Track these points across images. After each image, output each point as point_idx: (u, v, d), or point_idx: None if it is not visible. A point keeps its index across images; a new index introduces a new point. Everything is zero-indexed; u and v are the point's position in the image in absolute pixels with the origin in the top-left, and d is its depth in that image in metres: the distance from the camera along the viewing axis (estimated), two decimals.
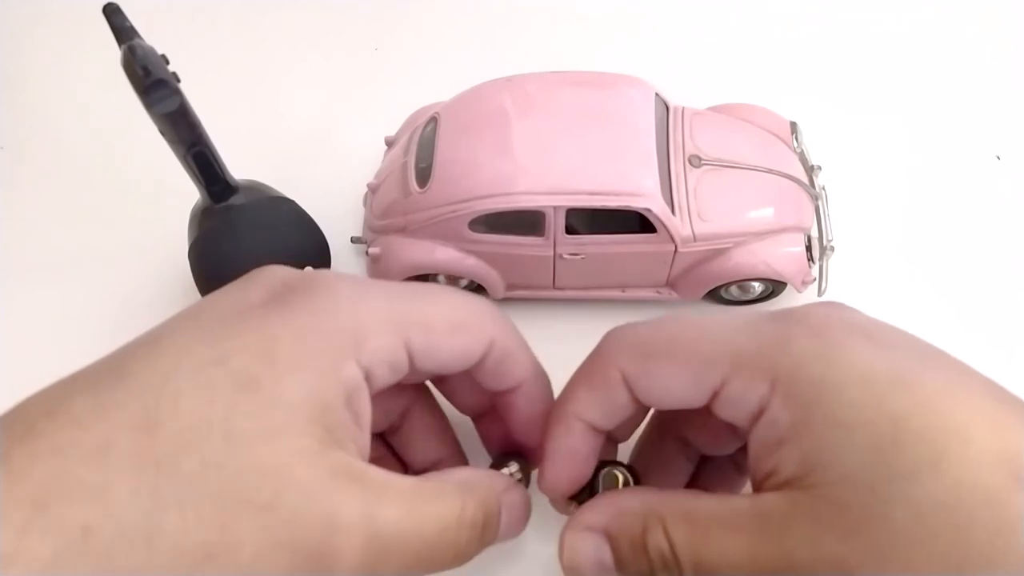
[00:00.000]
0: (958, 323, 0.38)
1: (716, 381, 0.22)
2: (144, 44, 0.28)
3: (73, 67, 0.50)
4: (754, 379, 0.22)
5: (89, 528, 0.16)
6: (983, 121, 0.46)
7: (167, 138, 0.31)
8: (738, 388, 0.22)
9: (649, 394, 0.24)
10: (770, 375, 0.21)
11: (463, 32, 0.52)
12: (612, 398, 0.24)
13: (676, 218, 0.34)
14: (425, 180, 0.35)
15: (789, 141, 0.39)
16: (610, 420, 0.25)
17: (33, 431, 0.17)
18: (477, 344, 0.24)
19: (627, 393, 0.24)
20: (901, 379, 0.20)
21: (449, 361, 0.24)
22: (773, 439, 0.21)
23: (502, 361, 0.25)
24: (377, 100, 0.48)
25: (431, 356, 0.23)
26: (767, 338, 0.22)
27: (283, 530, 0.18)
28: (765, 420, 0.22)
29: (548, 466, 0.26)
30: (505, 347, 0.25)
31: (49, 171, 0.46)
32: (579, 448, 0.25)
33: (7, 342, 0.39)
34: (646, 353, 0.24)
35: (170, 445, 0.18)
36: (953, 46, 0.50)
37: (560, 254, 0.35)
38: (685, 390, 0.23)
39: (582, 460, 0.26)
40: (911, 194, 0.43)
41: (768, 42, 0.50)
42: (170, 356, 0.19)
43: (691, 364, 0.23)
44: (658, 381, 0.24)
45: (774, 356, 0.22)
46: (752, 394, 0.22)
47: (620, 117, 0.35)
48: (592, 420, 0.25)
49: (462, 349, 0.24)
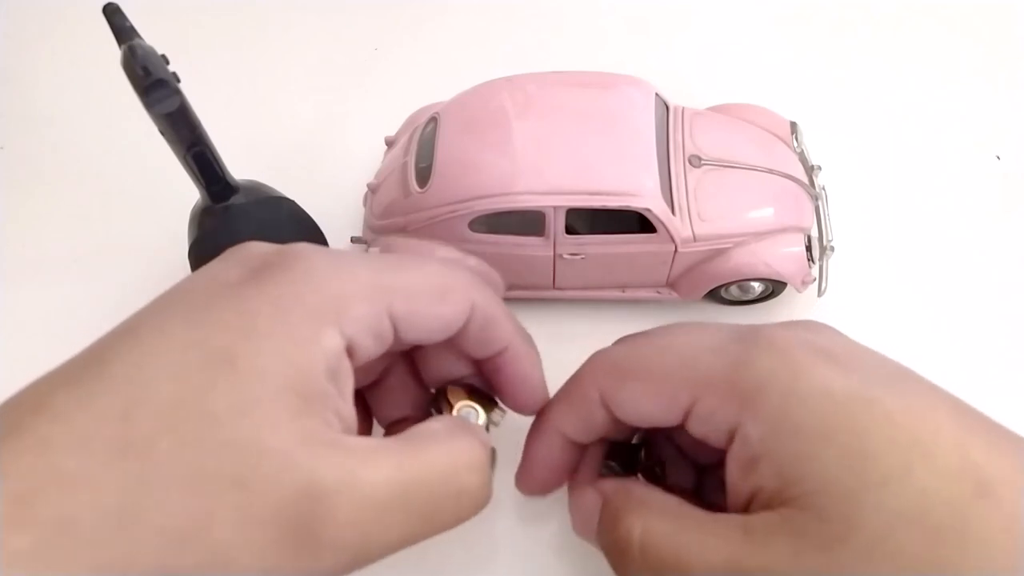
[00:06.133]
0: (958, 323, 0.38)
1: (686, 402, 0.23)
2: (144, 44, 0.28)
3: (73, 67, 0.50)
4: (722, 399, 0.23)
5: (70, 518, 0.16)
6: (983, 121, 0.46)
7: (167, 138, 0.31)
8: (708, 407, 0.23)
9: (625, 413, 0.25)
10: (738, 394, 0.22)
11: (463, 32, 0.52)
12: (590, 415, 0.26)
13: (676, 218, 0.34)
14: (425, 180, 0.35)
15: (789, 141, 0.39)
16: (587, 435, 0.27)
17: (19, 428, 0.17)
18: (460, 310, 0.24)
19: (604, 411, 0.26)
20: (861, 397, 0.21)
21: (434, 328, 0.24)
22: (748, 456, 0.22)
23: (485, 326, 0.25)
24: (377, 100, 0.48)
25: (415, 324, 0.23)
26: (733, 358, 0.23)
27: (259, 504, 0.18)
28: (739, 438, 0.22)
29: (525, 471, 0.28)
30: (487, 312, 0.25)
31: (49, 171, 0.46)
32: (556, 458, 0.27)
33: (7, 342, 0.39)
34: (621, 374, 0.25)
35: (147, 429, 0.17)
36: (953, 46, 0.49)
37: (560, 254, 0.35)
38: (658, 409, 0.24)
39: (558, 469, 0.28)
40: (911, 194, 0.43)
41: (768, 42, 0.50)
42: (147, 342, 0.19)
43: (662, 385, 0.24)
44: (631, 401, 0.25)
45: (740, 375, 0.23)
46: (722, 413, 0.23)
47: (620, 117, 0.35)
48: (570, 434, 0.27)
49: (447, 315, 0.24)
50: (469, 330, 0.25)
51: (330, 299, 0.21)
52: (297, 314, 0.20)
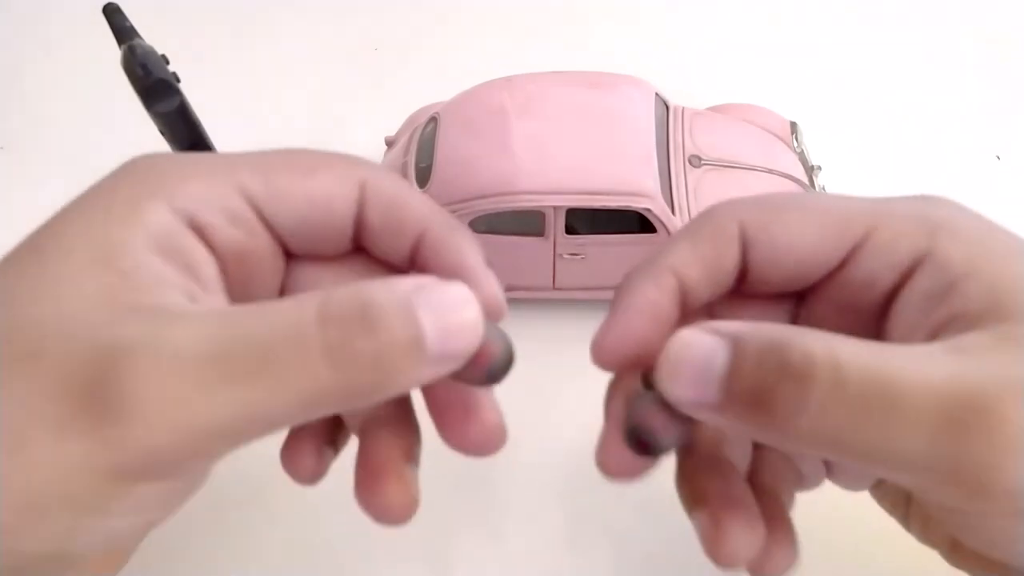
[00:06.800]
0: None
1: (859, 231, 0.20)
2: (144, 44, 0.28)
3: (73, 67, 0.50)
4: (907, 227, 0.20)
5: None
6: (983, 121, 0.46)
7: (167, 138, 0.31)
8: (890, 233, 0.20)
9: (774, 250, 0.20)
10: (928, 222, 0.20)
11: (463, 32, 0.52)
12: (721, 254, 0.21)
13: (676, 218, 0.34)
14: (425, 180, 0.35)
15: (789, 141, 0.39)
16: (705, 286, 0.21)
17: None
18: (340, 184, 0.20)
19: (738, 253, 0.21)
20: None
21: (307, 209, 0.20)
22: (946, 281, 0.19)
23: (388, 208, 0.20)
24: (377, 100, 0.48)
25: (280, 201, 0.20)
26: (916, 200, 0.21)
27: (49, 376, 0.16)
28: (930, 263, 0.19)
29: (616, 318, 0.20)
30: (383, 190, 0.21)
31: (49, 171, 0.46)
32: (663, 305, 0.20)
33: None
34: (778, 205, 0.21)
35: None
36: (953, 46, 0.50)
37: (560, 254, 0.35)
38: (819, 242, 0.20)
39: (660, 321, 0.20)
40: (911, 194, 0.43)
41: (768, 42, 0.50)
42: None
43: (831, 215, 0.20)
44: (786, 231, 0.20)
45: (928, 207, 0.20)
46: (905, 242, 0.20)
47: (620, 117, 0.35)
48: (689, 278, 0.20)
49: (317, 192, 0.20)
50: (369, 220, 0.20)
51: (157, 179, 0.19)
52: (118, 195, 0.19)
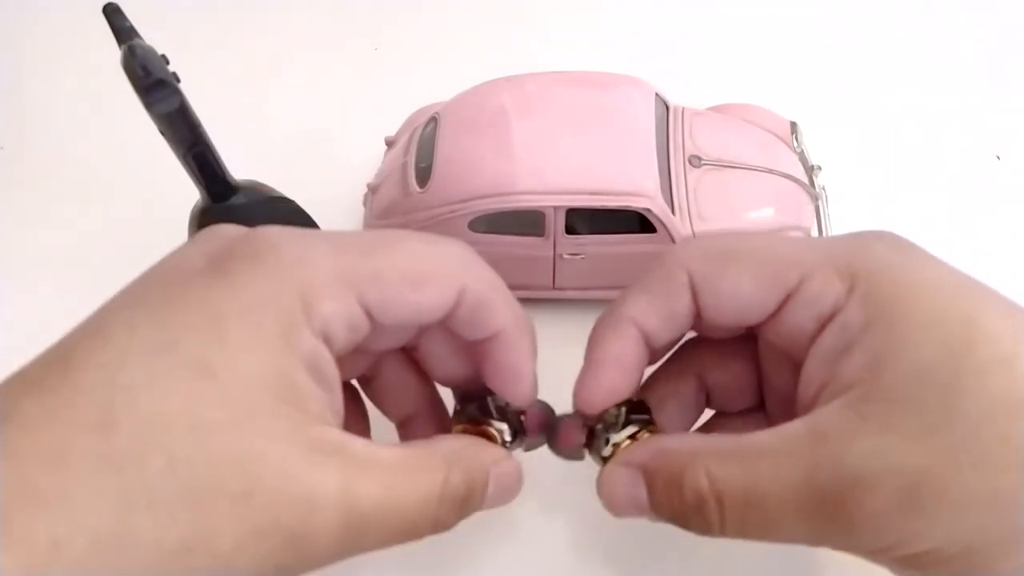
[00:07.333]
0: None
1: (793, 281, 0.22)
2: (144, 44, 0.28)
3: (73, 67, 0.50)
4: (833, 279, 0.22)
5: (58, 541, 0.16)
6: (983, 121, 0.46)
7: (167, 138, 0.31)
8: (816, 288, 0.22)
9: (718, 298, 0.23)
10: (849, 276, 0.22)
11: (463, 32, 0.52)
12: (673, 303, 0.23)
13: (676, 218, 0.34)
14: (425, 180, 0.35)
15: (789, 141, 0.39)
16: (664, 331, 0.24)
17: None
18: (443, 296, 0.22)
19: (689, 301, 0.23)
20: (970, 290, 0.21)
21: (412, 316, 0.23)
22: (841, 343, 0.21)
23: (476, 310, 0.23)
24: (377, 100, 0.48)
25: (391, 311, 0.22)
26: (847, 246, 0.23)
27: (261, 515, 0.18)
28: (836, 323, 0.21)
29: (590, 372, 0.24)
30: (479, 295, 0.23)
31: (49, 171, 0.46)
32: (628, 355, 0.24)
33: (6, 342, 0.39)
34: (720, 254, 0.23)
35: (131, 443, 0.17)
36: (953, 46, 0.50)
37: (560, 254, 0.35)
38: (758, 291, 0.23)
39: (627, 370, 0.24)
40: (911, 194, 0.43)
41: (768, 42, 0.50)
42: (115, 343, 0.18)
43: (767, 265, 0.23)
44: (730, 282, 0.23)
45: (856, 259, 0.22)
46: (829, 294, 0.22)
47: (620, 117, 0.35)
48: (647, 327, 0.24)
49: (427, 303, 0.22)
50: (458, 314, 0.23)
51: (297, 296, 0.20)
52: (266, 317, 0.20)
